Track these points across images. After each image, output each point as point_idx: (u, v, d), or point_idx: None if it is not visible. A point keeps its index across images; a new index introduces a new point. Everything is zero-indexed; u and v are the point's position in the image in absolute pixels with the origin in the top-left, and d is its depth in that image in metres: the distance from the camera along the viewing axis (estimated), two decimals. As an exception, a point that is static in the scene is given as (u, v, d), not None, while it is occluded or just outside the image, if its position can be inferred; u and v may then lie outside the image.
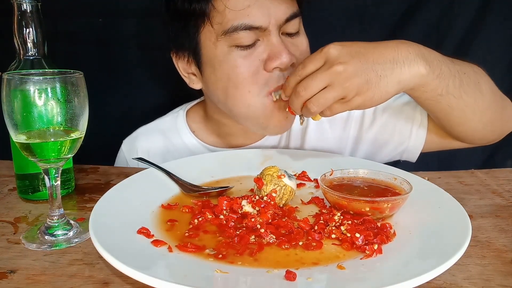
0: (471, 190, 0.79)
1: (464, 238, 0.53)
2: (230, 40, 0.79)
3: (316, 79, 0.64)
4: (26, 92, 0.55)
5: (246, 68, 0.80)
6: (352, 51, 0.65)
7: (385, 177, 0.72)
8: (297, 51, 0.83)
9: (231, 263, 0.52)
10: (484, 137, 0.85)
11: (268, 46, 0.80)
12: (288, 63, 0.79)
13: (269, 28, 0.79)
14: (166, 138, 1.05)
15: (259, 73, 0.80)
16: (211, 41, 0.82)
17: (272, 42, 0.80)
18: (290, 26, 0.82)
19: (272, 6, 0.78)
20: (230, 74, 0.81)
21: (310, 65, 0.66)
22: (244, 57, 0.80)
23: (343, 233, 0.58)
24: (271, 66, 0.79)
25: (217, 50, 0.81)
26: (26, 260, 0.56)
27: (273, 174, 0.68)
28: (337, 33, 1.23)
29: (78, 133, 0.60)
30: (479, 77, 0.77)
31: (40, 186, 0.76)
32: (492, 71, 1.22)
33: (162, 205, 0.68)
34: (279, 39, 0.80)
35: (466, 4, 1.19)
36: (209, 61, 0.84)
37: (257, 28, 0.78)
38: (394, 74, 0.65)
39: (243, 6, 0.77)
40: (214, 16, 0.79)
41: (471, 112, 0.76)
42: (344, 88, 0.64)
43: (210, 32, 0.81)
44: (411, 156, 0.97)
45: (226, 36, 0.79)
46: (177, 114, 1.07)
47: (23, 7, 0.67)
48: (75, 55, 1.21)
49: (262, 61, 0.80)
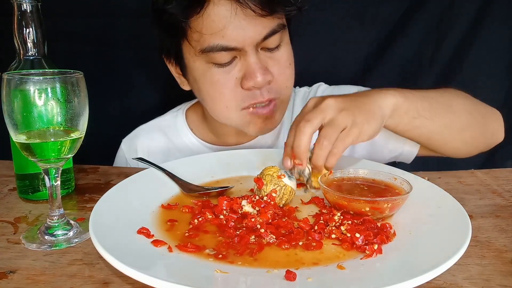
0: (471, 190, 0.79)
1: (464, 238, 0.53)
2: (208, 58, 0.82)
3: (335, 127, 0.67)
4: (26, 92, 0.55)
5: (223, 85, 0.83)
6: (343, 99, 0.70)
7: (385, 177, 0.72)
8: (276, 65, 0.85)
9: (231, 263, 0.52)
10: (469, 152, 0.89)
11: (244, 65, 0.82)
12: (262, 83, 0.81)
13: (244, 48, 0.80)
14: (165, 136, 1.06)
15: (236, 91, 0.83)
16: (190, 55, 0.85)
17: (248, 61, 0.81)
18: (269, 42, 0.82)
19: (247, 27, 0.79)
20: (208, 89, 0.85)
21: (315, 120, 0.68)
22: (221, 74, 0.82)
23: (343, 233, 0.58)
24: (246, 86, 0.82)
25: (196, 65, 0.84)
26: (26, 260, 0.56)
27: (273, 174, 0.68)
28: (337, 33, 1.23)
29: (78, 133, 0.60)
30: (450, 99, 0.81)
31: (40, 186, 0.76)
32: (492, 71, 1.23)
33: (162, 205, 0.68)
34: (255, 59, 0.81)
35: (466, 4, 1.19)
36: (190, 72, 0.88)
37: (232, 49, 0.80)
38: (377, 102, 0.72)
39: (218, 28, 0.78)
40: (191, 35, 0.82)
41: (449, 133, 0.81)
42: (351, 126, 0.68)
43: (189, 47, 0.84)
44: (406, 159, 1.00)
45: (204, 54, 0.81)
46: (177, 113, 1.08)
47: (23, 7, 0.67)
48: (75, 55, 1.21)
49: (239, 79, 0.83)
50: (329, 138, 0.67)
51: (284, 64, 0.86)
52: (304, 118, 0.68)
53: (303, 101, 1.06)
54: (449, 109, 0.80)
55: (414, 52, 1.23)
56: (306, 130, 0.67)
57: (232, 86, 0.83)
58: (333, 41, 1.23)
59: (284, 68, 0.86)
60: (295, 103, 1.06)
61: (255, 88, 0.82)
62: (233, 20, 0.78)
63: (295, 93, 1.08)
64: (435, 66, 1.23)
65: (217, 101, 0.86)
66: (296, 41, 0.93)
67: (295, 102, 1.06)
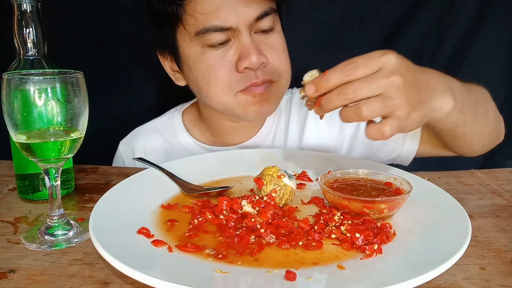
0: (471, 190, 0.79)
1: (464, 238, 0.53)
2: (203, 41, 0.83)
3: (372, 85, 0.56)
4: (26, 92, 0.55)
5: (219, 69, 0.84)
6: (409, 66, 0.60)
7: (385, 177, 0.72)
8: (270, 50, 0.85)
9: (231, 263, 0.52)
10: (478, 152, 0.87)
11: (239, 46, 0.83)
12: (257, 63, 0.82)
13: (238, 28, 0.82)
14: (162, 137, 1.07)
15: (231, 74, 0.84)
16: (185, 41, 0.86)
17: (243, 42, 0.83)
18: (262, 23, 0.84)
19: (240, 6, 0.81)
20: (203, 74, 0.86)
21: (364, 68, 0.57)
22: (217, 57, 0.83)
23: (343, 233, 0.58)
24: (242, 67, 0.82)
25: (191, 50, 0.85)
26: (26, 260, 0.56)
27: (273, 174, 0.68)
28: (337, 33, 1.23)
29: (78, 133, 0.60)
30: (487, 103, 0.79)
31: (40, 186, 0.76)
32: (492, 71, 1.23)
33: (162, 205, 0.68)
34: (249, 39, 0.83)
35: (466, 4, 1.19)
36: (185, 61, 0.88)
37: (227, 29, 0.81)
38: (433, 101, 0.62)
39: (212, 9, 0.80)
40: (186, 19, 0.83)
41: (478, 137, 0.78)
42: (400, 101, 0.57)
43: (183, 33, 0.85)
44: (404, 161, 0.99)
45: (199, 37, 0.82)
46: (173, 114, 1.09)
47: (23, 7, 0.67)
48: (75, 55, 1.21)
49: (234, 63, 0.84)
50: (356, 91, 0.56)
51: (278, 49, 0.88)
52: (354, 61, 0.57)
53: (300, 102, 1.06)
54: (486, 115, 0.77)
55: (414, 52, 1.23)
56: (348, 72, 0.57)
57: (227, 69, 0.84)
58: (333, 41, 1.23)
59: (278, 53, 0.87)
60: (293, 102, 1.05)
61: (250, 69, 0.83)
62: (227, 0, 0.80)
63: (292, 94, 1.07)
64: (435, 66, 1.23)
65: (212, 85, 0.86)
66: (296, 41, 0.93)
67: (292, 102, 1.05)
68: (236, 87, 0.85)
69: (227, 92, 0.85)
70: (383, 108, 0.56)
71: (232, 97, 0.86)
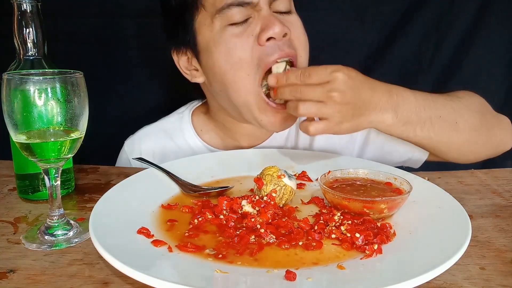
0: (471, 190, 0.79)
1: (464, 238, 0.53)
2: (224, 19, 0.82)
3: (315, 92, 0.71)
4: (26, 92, 0.55)
5: (241, 46, 0.82)
6: (354, 84, 0.71)
7: (385, 177, 0.72)
8: (292, 26, 0.84)
9: (231, 263, 0.52)
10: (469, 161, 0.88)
11: (260, 20, 0.82)
12: (280, 32, 0.80)
13: (260, 4, 0.81)
14: (170, 139, 1.04)
15: (254, 49, 0.81)
16: (205, 25, 0.84)
17: (264, 15, 0.82)
18: (280, 3, 0.83)
19: None
20: (226, 55, 0.83)
21: (315, 77, 0.71)
22: (238, 35, 0.82)
23: (343, 233, 0.58)
24: (265, 37, 0.80)
25: (213, 32, 0.84)
26: (26, 260, 0.56)
27: (273, 174, 0.68)
28: (337, 33, 1.23)
29: (78, 133, 0.60)
30: (459, 115, 0.80)
31: (40, 186, 0.76)
32: (492, 71, 1.23)
33: (162, 205, 0.68)
34: (270, 12, 0.82)
35: (466, 4, 1.19)
36: (205, 47, 0.86)
37: (248, 4, 0.80)
38: (370, 116, 0.73)
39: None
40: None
41: (446, 148, 0.82)
42: (333, 111, 0.71)
43: (204, 17, 0.84)
44: (414, 164, 0.99)
45: (220, 14, 0.81)
46: (182, 114, 1.06)
47: (23, 7, 0.67)
48: (75, 55, 1.21)
49: (256, 36, 0.81)
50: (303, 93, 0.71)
51: (299, 29, 0.86)
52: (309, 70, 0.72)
53: None
54: (452, 127, 0.79)
55: (414, 52, 1.22)
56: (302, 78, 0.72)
57: (251, 46, 0.81)
58: (333, 41, 1.23)
59: (299, 33, 0.86)
60: None
61: (273, 39, 0.80)
62: None
63: None
64: (435, 66, 1.23)
65: (237, 67, 0.82)
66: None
67: None
68: (261, 63, 0.81)
69: (252, 73, 0.81)
70: (316, 112, 0.71)
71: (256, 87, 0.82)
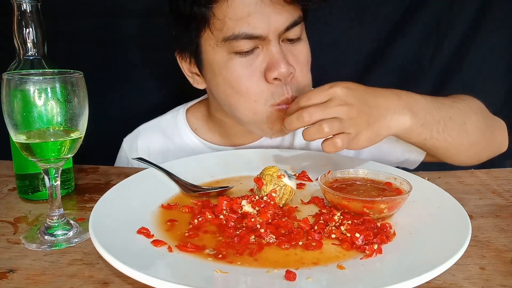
0: (471, 190, 0.79)
1: (464, 238, 0.53)
2: (230, 47, 0.80)
3: (323, 111, 0.68)
4: (26, 92, 0.55)
5: (248, 79, 0.81)
6: (356, 94, 0.70)
7: (385, 177, 0.72)
8: (295, 61, 0.83)
9: (231, 263, 0.52)
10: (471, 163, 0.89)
11: (267, 55, 0.80)
12: (286, 73, 0.79)
13: (268, 37, 0.79)
14: (166, 136, 1.05)
15: (261, 83, 0.81)
16: (210, 46, 0.82)
17: (271, 51, 0.80)
18: (291, 33, 0.82)
19: (273, 15, 0.78)
20: (232, 83, 0.82)
21: (315, 98, 0.69)
22: (244, 66, 0.81)
23: (343, 233, 0.58)
24: (271, 77, 0.79)
25: (217, 56, 0.82)
26: (26, 260, 0.56)
27: (273, 174, 0.68)
28: (337, 33, 1.23)
29: (78, 133, 0.60)
30: (467, 116, 0.80)
31: (40, 186, 0.76)
32: (492, 71, 1.23)
33: (162, 205, 0.68)
34: (278, 49, 0.80)
35: (466, 4, 1.19)
36: (209, 66, 0.85)
37: (257, 37, 0.78)
38: (386, 120, 0.71)
39: (243, 15, 0.77)
40: (214, 23, 0.80)
41: (456, 150, 0.81)
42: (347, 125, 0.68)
43: (210, 37, 0.82)
44: (411, 165, 0.99)
45: (226, 43, 0.79)
46: (177, 112, 1.07)
47: (23, 7, 0.67)
48: (75, 55, 1.21)
49: (262, 71, 0.81)
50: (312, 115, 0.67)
51: (302, 61, 0.85)
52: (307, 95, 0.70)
53: None
54: (462, 128, 0.79)
55: (414, 52, 1.22)
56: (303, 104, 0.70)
57: (257, 79, 0.81)
58: (333, 41, 1.23)
59: (302, 65, 0.85)
60: None
61: (279, 80, 0.80)
62: (259, 7, 0.77)
63: None
64: (435, 66, 1.23)
65: (243, 95, 0.82)
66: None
67: None
68: (271, 99, 0.82)
69: (261, 103, 0.82)
70: (330, 130, 0.67)
71: (266, 108, 0.82)
